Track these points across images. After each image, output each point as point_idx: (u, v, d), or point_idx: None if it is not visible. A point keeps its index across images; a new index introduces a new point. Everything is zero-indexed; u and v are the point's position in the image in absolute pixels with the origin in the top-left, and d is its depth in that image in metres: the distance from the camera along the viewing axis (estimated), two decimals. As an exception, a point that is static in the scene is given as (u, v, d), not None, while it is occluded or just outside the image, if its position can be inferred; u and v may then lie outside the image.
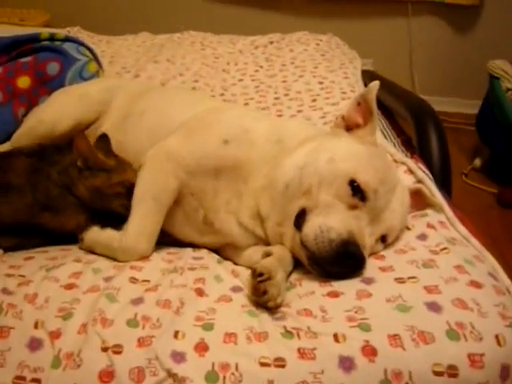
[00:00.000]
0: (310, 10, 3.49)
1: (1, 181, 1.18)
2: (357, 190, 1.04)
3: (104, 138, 1.31)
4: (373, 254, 1.08)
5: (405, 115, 1.64)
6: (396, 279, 0.99)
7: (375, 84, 1.17)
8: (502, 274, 1.04)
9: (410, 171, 1.34)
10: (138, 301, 0.98)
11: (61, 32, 1.91)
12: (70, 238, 1.24)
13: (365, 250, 1.02)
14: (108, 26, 3.08)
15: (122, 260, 1.13)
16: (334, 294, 0.98)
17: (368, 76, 2.13)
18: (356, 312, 0.92)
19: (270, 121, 1.33)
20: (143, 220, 1.16)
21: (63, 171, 1.21)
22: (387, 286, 0.98)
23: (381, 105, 1.89)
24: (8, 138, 1.51)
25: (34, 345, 0.90)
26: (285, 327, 0.91)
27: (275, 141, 1.21)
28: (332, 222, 1.02)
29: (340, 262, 1.00)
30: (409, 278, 0.99)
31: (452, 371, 0.84)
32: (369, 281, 1.00)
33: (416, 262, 1.03)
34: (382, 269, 1.03)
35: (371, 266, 1.04)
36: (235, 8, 3.56)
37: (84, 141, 1.21)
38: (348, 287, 0.99)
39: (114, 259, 1.14)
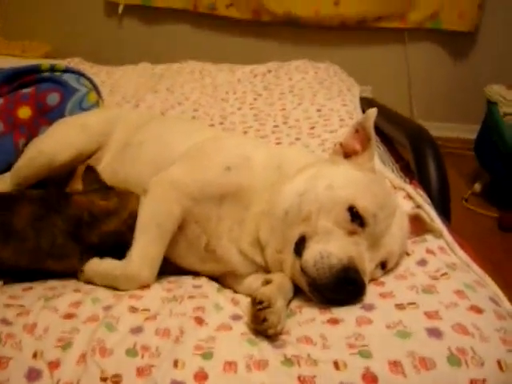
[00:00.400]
0: (308, 38, 3.53)
1: (3, 223, 1.17)
2: (356, 215, 1.05)
3: (90, 170, 1.31)
4: (372, 280, 1.08)
5: (403, 141, 1.65)
6: (396, 305, 0.99)
7: (373, 111, 1.18)
8: (504, 299, 1.04)
9: (409, 197, 1.34)
10: (137, 330, 0.97)
11: (61, 63, 1.93)
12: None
13: (365, 275, 1.02)
14: (108, 57, 3.11)
15: (124, 288, 1.12)
16: (334, 321, 0.97)
17: (366, 103, 2.14)
18: (356, 339, 0.92)
19: (269, 148, 1.34)
20: (147, 247, 1.16)
21: (68, 220, 1.19)
22: (387, 312, 0.97)
23: (379, 131, 1.90)
24: (8, 168, 1.51)
25: (33, 375, 0.89)
26: (285, 355, 0.91)
27: (275, 167, 1.23)
28: (332, 248, 1.02)
29: (340, 288, 1.00)
30: (409, 303, 0.98)
31: (454, 398, 0.83)
32: (369, 307, 0.99)
33: (416, 288, 1.03)
34: (382, 295, 1.03)
35: (371, 292, 1.04)
36: (234, 37, 3.60)
37: (80, 197, 1.21)
38: (348, 314, 0.99)
39: (115, 288, 1.14)
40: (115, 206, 1.21)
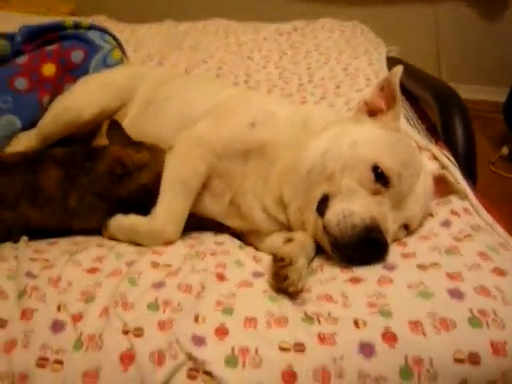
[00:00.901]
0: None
1: (31, 184, 1.18)
2: (380, 175, 1.04)
3: (114, 125, 1.30)
4: (395, 240, 1.07)
5: (429, 101, 1.61)
6: (418, 266, 0.98)
7: (399, 68, 1.16)
8: (528, 262, 1.02)
9: (434, 158, 1.32)
10: (159, 285, 0.99)
11: (85, 20, 1.91)
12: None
13: (388, 235, 1.02)
14: (133, 15, 3.08)
15: (148, 244, 1.13)
16: (356, 280, 0.97)
17: (393, 63, 2.07)
18: (377, 298, 0.92)
19: (294, 105, 1.33)
20: (172, 204, 1.16)
21: (96, 179, 1.20)
22: (409, 272, 0.97)
23: (405, 91, 1.87)
24: (33, 124, 1.52)
25: (57, 327, 0.91)
26: (305, 312, 0.91)
27: (300, 124, 1.22)
28: (355, 207, 1.01)
29: (363, 247, 0.99)
30: (431, 264, 0.98)
31: (474, 359, 0.83)
32: (391, 267, 0.99)
33: (439, 249, 1.02)
34: (405, 255, 1.02)
35: (393, 252, 1.03)
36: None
37: (117, 148, 1.20)
38: (369, 273, 0.98)
39: (138, 244, 1.15)
40: (148, 160, 1.20)
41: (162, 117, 1.39)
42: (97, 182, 1.19)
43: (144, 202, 1.19)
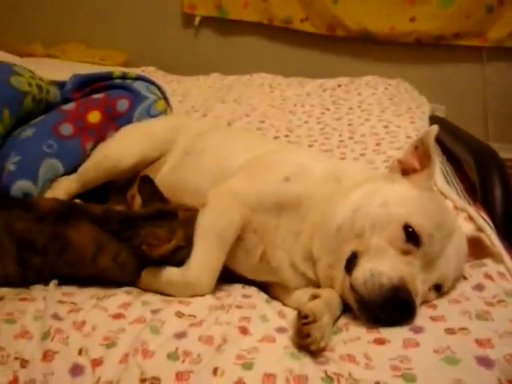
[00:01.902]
0: (382, 54, 3.47)
1: (60, 236, 1.17)
2: (411, 235, 1.03)
3: (147, 180, 1.31)
4: (425, 302, 1.04)
5: (468, 161, 1.59)
6: (446, 330, 0.95)
7: (434, 128, 1.16)
8: None
9: (471, 218, 1.29)
10: (181, 335, 0.98)
11: (133, 71, 1.98)
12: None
13: (416, 297, 0.99)
14: (182, 67, 3.17)
15: (181, 296, 1.13)
16: (380, 341, 0.95)
17: (435, 121, 2.08)
18: (401, 361, 0.89)
19: (327, 161, 1.34)
20: (206, 255, 1.16)
21: (134, 247, 1.17)
22: (436, 336, 0.94)
23: (446, 150, 1.85)
24: (75, 169, 1.56)
25: (76, 371, 0.91)
26: (325, 372, 0.89)
27: (334, 179, 1.22)
28: (383, 266, 1.00)
29: (389, 308, 0.97)
30: (460, 329, 0.95)
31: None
32: (418, 330, 0.96)
33: (469, 313, 0.99)
34: (433, 318, 1.00)
35: (421, 314, 1.00)
36: (307, 51, 3.60)
37: (147, 238, 1.15)
38: (395, 335, 0.96)
39: (171, 295, 1.14)
40: (182, 241, 1.17)
41: (199, 168, 1.41)
42: (137, 250, 1.17)
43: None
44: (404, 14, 3.33)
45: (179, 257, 1.17)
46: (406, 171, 1.17)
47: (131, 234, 1.18)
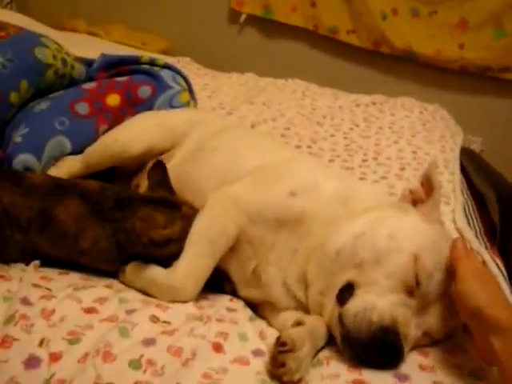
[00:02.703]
0: (423, 77, 3.38)
1: (47, 212, 1.12)
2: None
3: (158, 166, 1.25)
4: (417, 346, 0.96)
5: (492, 201, 1.50)
6: (435, 382, 0.87)
7: (433, 162, 1.16)
8: None
9: (484, 264, 1.20)
10: (149, 342, 0.92)
11: (161, 58, 1.93)
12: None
13: (406, 342, 0.92)
14: (220, 63, 3.13)
15: (162, 298, 1.06)
16: (360, 384, 0.87)
17: (465, 154, 2.00)
18: (378, 410, 0.81)
19: (341, 180, 1.25)
20: (195, 262, 1.09)
21: (121, 232, 1.11)
22: (422, 388, 0.86)
23: (472, 186, 1.76)
24: (83, 151, 1.51)
25: (32, 363, 0.86)
26: (295, 408, 0.82)
27: (342, 201, 1.14)
28: (379, 303, 0.93)
29: (374, 349, 0.90)
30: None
31: None
32: (403, 378, 0.89)
33: (463, 368, 0.90)
34: (422, 367, 0.92)
35: (411, 361, 0.93)
36: (347, 64, 3.52)
37: (143, 223, 1.09)
38: (377, 379, 0.88)
39: (152, 296, 1.08)
40: (178, 234, 1.11)
41: (207, 166, 1.35)
42: (121, 234, 1.12)
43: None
44: (453, 40, 3.23)
45: (168, 251, 1.10)
46: (415, 201, 1.11)
47: (124, 215, 1.12)
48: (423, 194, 1.10)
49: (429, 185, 1.10)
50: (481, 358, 0.88)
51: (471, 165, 1.88)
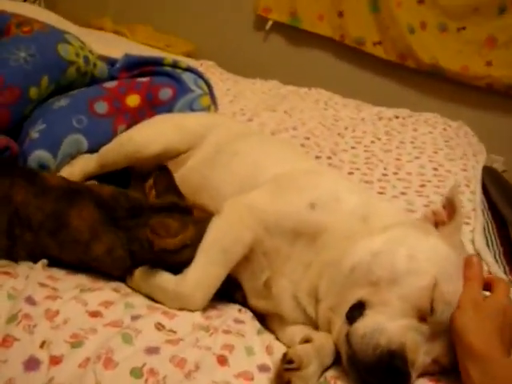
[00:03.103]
0: (448, 93, 3.33)
1: (60, 215, 1.10)
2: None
3: (164, 171, 1.23)
4: (425, 373, 0.93)
5: (514, 225, 1.46)
6: (445, 411, 0.84)
7: (455, 185, 1.13)
8: None
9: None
10: (152, 350, 0.89)
11: (184, 61, 1.92)
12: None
13: (413, 368, 0.88)
14: (244, 68, 3.11)
15: (170, 306, 1.04)
16: (366, 408, 0.84)
17: (488, 172, 1.95)
18: None
19: (363, 196, 1.21)
20: (206, 270, 1.07)
21: (135, 241, 1.09)
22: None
23: (494, 208, 1.72)
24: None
25: (31, 365, 0.84)
26: (298, 430, 0.79)
27: (360, 217, 1.10)
28: (389, 326, 0.90)
29: (380, 373, 0.86)
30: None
31: None
32: (413, 404, 0.85)
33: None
34: (433, 395, 0.88)
35: (421, 387, 0.89)
36: (372, 76, 3.49)
37: (156, 235, 1.06)
38: (386, 405, 0.85)
39: (160, 302, 1.05)
40: (192, 239, 1.08)
41: (226, 170, 1.32)
42: (134, 244, 1.09)
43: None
44: (481, 57, 3.18)
45: (182, 257, 1.08)
46: (437, 224, 1.07)
47: (136, 223, 1.10)
48: (445, 217, 1.06)
49: (451, 207, 1.06)
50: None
51: (493, 185, 1.84)
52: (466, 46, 3.20)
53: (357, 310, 0.95)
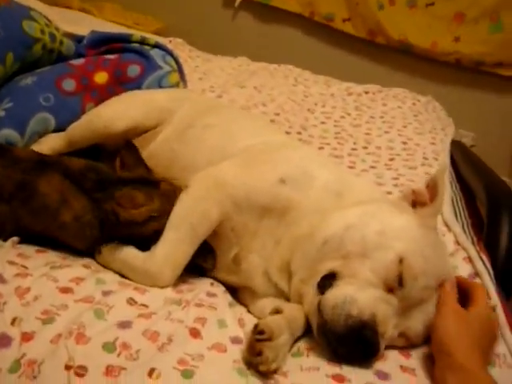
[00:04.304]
0: (417, 69, 3.35)
1: (29, 184, 1.10)
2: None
3: (130, 147, 1.23)
4: (392, 347, 0.95)
5: (481, 195, 1.48)
6: (416, 384, 0.86)
7: (444, 168, 1.13)
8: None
9: (470, 260, 1.19)
10: (125, 324, 0.89)
11: (152, 38, 1.89)
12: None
13: (382, 339, 0.90)
14: (213, 46, 3.09)
15: (139, 282, 1.04)
16: (340, 379, 0.85)
17: (456, 147, 1.98)
18: (356, 407, 0.80)
19: (335, 171, 1.22)
20: (174, 247, 1.07)
21: (102, 211, 1.09)
22: (402, 388, 0.84)
23: (461, 179, 1.75)
24: (67, 128, 1.48)
25: (3, 341, 0.83)
26: (271, 399, 0.80)
27: (334, 193, 1.11)
28: (359, 297, 0.91)
29: (350, 342, 0.88)
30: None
31: None
32: (383, 376, 0.87)
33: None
34: (403, 368, 0.90)
35: (392, 360, 0.92)
36: (341, 52, 3.49)
37: (120, 205, 1.07)
38: (357, 376, 0.86)
39: (128, 278, 1.06)
40: (156, 212, 1.09)
41: (198, 143, 1.32)
42: (102, 214, 1.09)
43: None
44: (449, 32, 3.18)
45: (148, 229, 1.08)
46: (415, 203, 1.07)
47: (104, 196, 1.10)
48: (427, 198, 1.06)
49: (434, 189, 1.06)
50: None
51: (462, 158, 1.86)
52: (435, 22, 3.20)
53: (328, 280, 0.96)
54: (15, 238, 1.11)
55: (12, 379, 0.78)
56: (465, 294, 1.00)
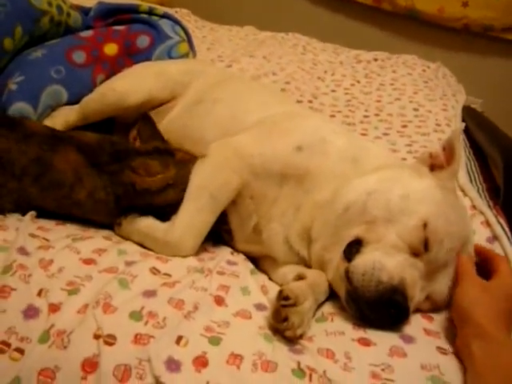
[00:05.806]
0: (425, 35, 3.30)
1: (44, 160, 1.09)
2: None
3: (147, 120, 1.22)
4: (418, 311, 0.95)
5: (497, 160, 1.47)
6: (438, 348, 0.86)
7: (459, 128, 1.07)
8: None
9: (488, 224, 1.18)
10: (150, 293, 0.90)
11: (160, 8, 1.87)
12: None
13: (411, 303, 0.91)
14: (220, 16, 3.05)
15: (160, 253, 1.04)
16: (365, 342, 0.86)
17: (468, 113, 1.96)
18: (383, 369, 0.80)
19: (350, 137, 1.21)
20: (195, 216, 1.07)
21: (119, 184, 1.09)
22: (427, 351, 0.85)
23: (475, 144, 1.73)
24: (79, 101, 1.46)
25: (30, 313, 0.84)
26: (298, 363, 0.81)
27: (351, 159, 1.11)
28: (388, 262, 0.91)
29: (380, 308, 0.88)
30: (454, 352, 0.86)
31: None
32: (408, 339, 0.87)
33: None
34: (427, 331, 0.91)
35: (416, 324, 0.92)
36: (349, 20, 3.45)
37: (137, 169, 1.08)
38: (383, 339, 0.87)
39: (150, 249, 1.06)
40: (173, 179, 1.09)
41: (209, 117, 1.31)
42: (119, 187, 1.09)
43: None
44: (457, -3, 3.14)
45: (166, 198, 1.08)
46: (433, 167, 1.07)
47: (120, 167, 1.10)
48: (444, 161, 1.06)
49: (450, 152, 1.06)
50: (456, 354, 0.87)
51: (474, 123, 1.84)
52: (443, -13, 3.16)
53: (354, 247, 0.96)
54: (33, 212, 1.10)
55: (43, 349, 0.79)
56: (485, 264, 1.00)
